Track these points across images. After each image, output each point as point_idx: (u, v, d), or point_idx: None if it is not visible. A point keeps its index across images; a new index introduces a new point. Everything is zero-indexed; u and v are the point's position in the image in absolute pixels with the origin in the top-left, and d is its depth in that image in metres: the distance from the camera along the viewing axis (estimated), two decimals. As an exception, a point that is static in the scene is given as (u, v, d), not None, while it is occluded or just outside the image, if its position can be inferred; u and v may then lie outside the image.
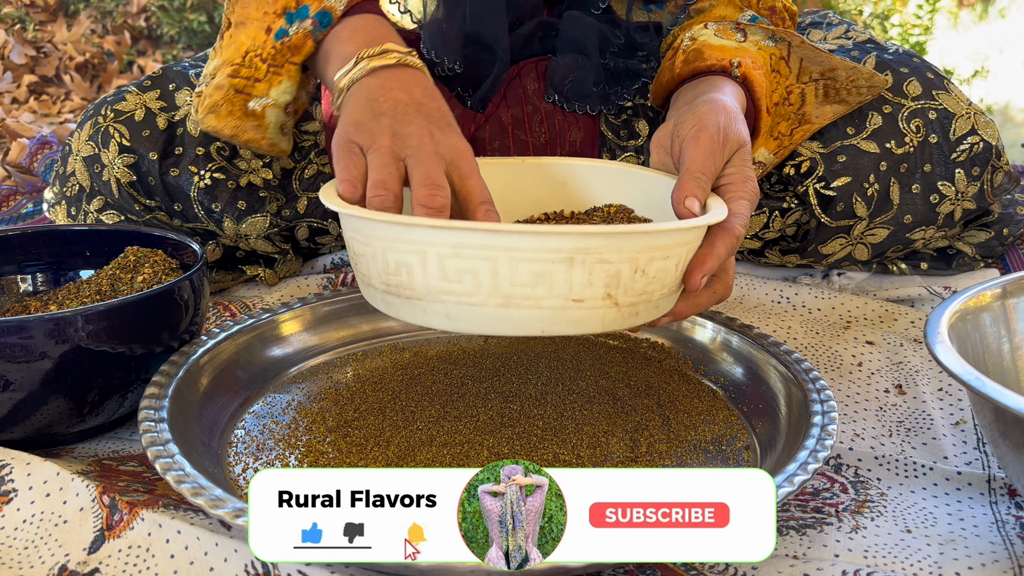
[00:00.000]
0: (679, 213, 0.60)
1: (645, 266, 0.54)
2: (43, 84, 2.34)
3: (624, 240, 0.52)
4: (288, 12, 0.73)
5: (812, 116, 0.85)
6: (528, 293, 0.52)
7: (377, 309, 0.59)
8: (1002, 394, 0.51)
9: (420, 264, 0.53)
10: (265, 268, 0.96)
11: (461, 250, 0.52)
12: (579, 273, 0.52)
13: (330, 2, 0.72)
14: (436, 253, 0.52)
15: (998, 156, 0.90)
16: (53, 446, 0.69)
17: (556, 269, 0.52)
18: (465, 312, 0.53)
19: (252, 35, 0.75)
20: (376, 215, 0.55)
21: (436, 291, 0.53)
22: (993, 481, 0.64)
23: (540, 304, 0.53)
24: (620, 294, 0.54)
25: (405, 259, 0.54)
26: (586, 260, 0.52)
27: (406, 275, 0.54)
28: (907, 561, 0.56)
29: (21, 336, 0.61)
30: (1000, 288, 0.66)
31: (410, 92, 0.64)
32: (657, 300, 0.57)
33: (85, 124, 0.91)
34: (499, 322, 0.53)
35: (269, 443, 0.65)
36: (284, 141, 0.81)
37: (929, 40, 2.66)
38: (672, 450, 0.64)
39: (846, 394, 0.76)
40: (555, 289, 0.52)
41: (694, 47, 0.79)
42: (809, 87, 0.83)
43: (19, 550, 0.57)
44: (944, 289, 0.94)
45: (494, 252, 0.51)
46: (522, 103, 0.92)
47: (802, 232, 0.92)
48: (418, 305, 0.55)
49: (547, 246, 0.51)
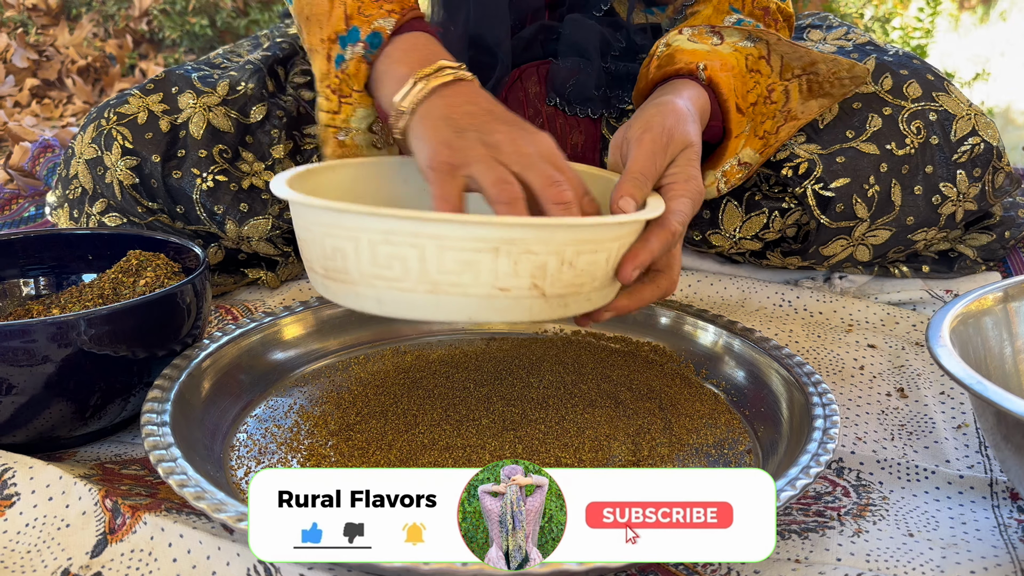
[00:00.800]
0: (612, 211, 0.62)
1: (572, 259, 0.55)
2: (45, 88, 2.34)
3: (550, 232, 0.54)
4: (340, 36, 0.73)
5: (798, 112, 0.85)
6: (455, 280, 0.53)
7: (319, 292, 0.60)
8: (1004, 398, 0.51)
9: (353, 249, 0.54)
10: (267, 271, 0.96)
11: (391, 236, 0.53)
12: (504, 263, 0.53)
13: (379, 23, 0.72)
14: (368, 239, 0.54)
15: (999, 157, 0.90)
16: (55, 450, 0.69)
17: (481, 258, 0.53)
18: (395, 297, 0.55)
19: (319, 64, 0.75)
20: (314, 201, 0.56)
21: (368, 276, 0.55)
22: (995, 485, 0.64)
23: (467, 292, 0.54)
24: (547, 285, 0.55)
25: (340, 244, 0.55)
26: (511, 250, 0.53)
27: (341, 260, 0.56)
28: (909, 565, 0.56)
29: (24, 340, 0.61)
30: (1002, 292, 0.66)
31: (478, 104, 0.65)
32: (588, 293, 0.58)
33: (88, 127, 0.91)
34: (427, 308, 0.55)
35: (271, 447, 0.65)
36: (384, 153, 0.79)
37: (930, 43, 2.66)
38: (674, 454, 0.64)
39: (848, 397, 0.76)
40: (481, 277, 0.53)
41: (667, 52, 0.79)
42: (792, 83, 0.84)
43: (22, 554, 0.57)
44: (946, 292, 0.94)
45: (421, 239, 0.52)
46: (523, 106, 0.92)
47: (803, 233, 0.92)
48: (352, 290, 0.56)
49: (472, 235, 0.52)
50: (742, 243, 0.92)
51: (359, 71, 0.72)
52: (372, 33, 0.72)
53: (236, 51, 1.06)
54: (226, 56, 1.03)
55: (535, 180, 0.60)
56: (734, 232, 0.91)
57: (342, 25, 0.73)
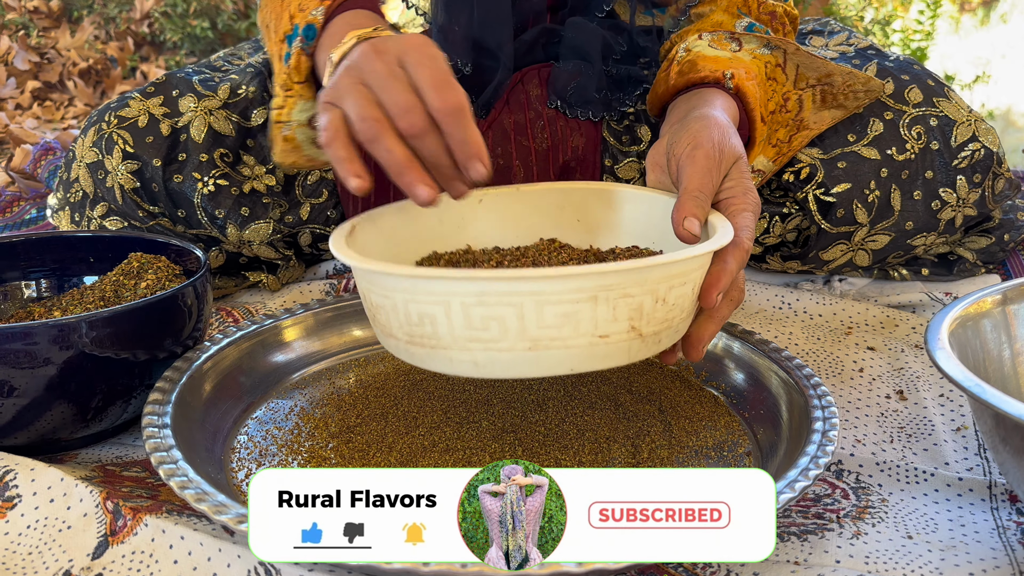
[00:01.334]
0: (679, 234, 0.61)
1: (665, 294, 0.54)
2: (46, 90, 2.34)
3: (645, 273, 0.53)
4: (287, 35, 0.73)
5: (810, 122, 0.86)
6: (555, 335, 0.52)
7: None
8: (1002, 400, 0.51)
9: (444, 314, 0.52)
10: (268, 274, 0.96)
11: (485, 298, 0.51)
12: (603, 310, 0.52)
13: (313, 14, 0.72)
14: (460, 303, 0.52)
15: (999, 163, 0.90)
16: (57, 452, 0.69)
17: (581, 308, 0.52)
18: (493, 358, 0.53)
19: (276, 68, 0.76)
20: (396, 269, 0.54)
21: (462, 340, 0.53)
22: (994, 487, 0.64)
23: (568, 344, 0.52)
24: (644, 325, 0.54)
25: (428, 310, 0.53)
26: (609, 296, 0.52)
27: (430, 326, 0.53)
28: (908, 567, 0.56)
29: (25, 342, 0.61)
30: (1000, 294, 0.66)
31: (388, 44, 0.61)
32: (677, 325, 0.58)
33: (89, 130, 0.91)
34: (528, 365, 0.53)
35: (272, 449, 0.65)
36: (323, 154, 0.80)
37: (931, 45, 2.66)
38: (674, 456, 0.64)
39: (847, 400, 0.76)
40: (581, 328, 0.52)
41: (688, 58, 0.79)
42: (806, 93, 0.84)
43: (23, 555, 0.57)
44: (945, 295, 0.94)
45: (518, 298, 0.51)
46: (524, 109, 0.92)
47: (803, 238, 0.92)
48: (445, 355, 0.54)
49: (571, 287, 0.51)
50: None
51: (299, 63, 0.72)
52: (307, 26, 0.72)
53: (237, 54, 1.06)
54: (227, 59, 1.04)
55: (391, 113, 0.57)
56: None
57: (288, 25, 0.74)
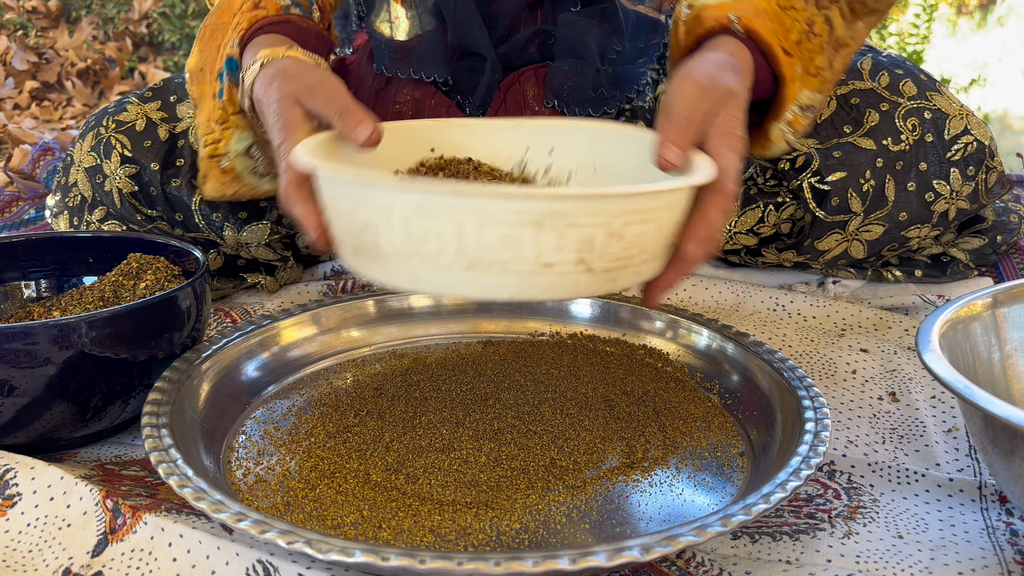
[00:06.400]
0: (658, 163, 0.57)
1: (621, 230, 0.51)
2: (45, 90, 2.35)
3: (596, 203, 0.50)
4: (219, 73, 0.74)
5: (847, 38, 0.79)
6: (495, 256, 0.50)
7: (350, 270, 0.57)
8: (991, 402, 0.52)
9: (386, 223, 0.51)
10: (266, 275, 0.97)
11: (425, 210, 0.49)
12: (548, 237, 0.49)
13: (230, 47, 0.74)
14: (400, 213, 0.50)
15: (991, 156, 0.91)
16: (56, 451, 0.70)
17: (524, 232, 0.49)
18: (431, 275, 0.51)
19: (207, 108, 0.77)
20: (342, 173, 0.53)
21: (402, 252, 0.51)
22: (984, 488, 0.64)
23: (508, 268, 0.50)
24: (594, 259, 0.51)
25: (371, 218, 0.52)
26: (556, 224, 0.49)
27: (371, 235, 0.52)
28: (898, 566, 0.56)
29: (25, 342, 0.62)
30: (991, 298, 0.67)
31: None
32: (636, 266, 0.54)
33: (87, 135, 0.92)
34: (466, 286, 0.51)
35: (270, 448, 0.65)
36: (265, 182, 0.80)
37: (926, 49, 2.67)
38: (668, 456, 0.65)
39: (840, 401, 0.77)
40: (524, 253, 0.50)
41: (692, 14, 0.74)
42: (832, 10, 0.77)
43: (23, 553, 0.58)
44: (938, 298, 0.95)
45: (459, 213, 0.49)
46: (522, 108, 0.93)
47: (797, 228, 0.93)
48: (384, 266, 0.53)
49: (513, 208, 0.48)
50: (737, 238, 0.93)
51: (231, 95, 0.74)
52: (227, 59, 0.74)
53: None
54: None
55: None
56: (729, 226, 0.92)
57: (220, 64, 0.75)
